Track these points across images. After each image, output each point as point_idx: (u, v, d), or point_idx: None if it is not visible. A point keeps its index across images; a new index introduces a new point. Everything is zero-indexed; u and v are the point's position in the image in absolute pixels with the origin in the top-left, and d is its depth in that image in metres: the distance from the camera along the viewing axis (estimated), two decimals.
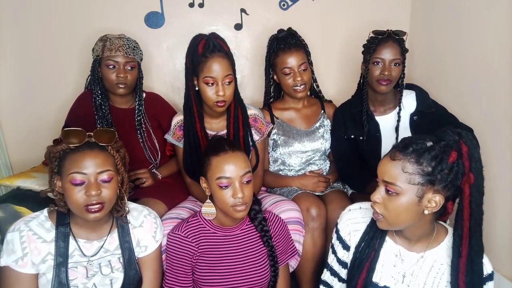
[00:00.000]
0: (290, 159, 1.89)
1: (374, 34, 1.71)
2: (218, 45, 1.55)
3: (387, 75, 1.65)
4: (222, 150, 1.26)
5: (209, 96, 1.55)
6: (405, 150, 1.02)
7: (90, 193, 1.10)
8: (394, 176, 1.02)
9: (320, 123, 1.90)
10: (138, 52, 1.78)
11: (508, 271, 1.70)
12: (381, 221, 1.08)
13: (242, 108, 1.69)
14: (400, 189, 1.01)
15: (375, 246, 1.16)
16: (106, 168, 1.14)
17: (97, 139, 1.16)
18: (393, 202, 1.03)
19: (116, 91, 1.73)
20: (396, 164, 1.02)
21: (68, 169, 1.11)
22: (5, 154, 2.20)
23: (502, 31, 1.66)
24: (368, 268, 1.15)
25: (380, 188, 1.06)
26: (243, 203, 1.25)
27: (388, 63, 1.66)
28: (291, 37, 1.79)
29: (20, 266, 1.13)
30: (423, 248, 1.14)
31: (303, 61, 1.76)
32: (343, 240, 1.24)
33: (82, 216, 1.14)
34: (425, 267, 1.13)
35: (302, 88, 1.77)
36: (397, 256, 1.15)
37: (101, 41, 1.72)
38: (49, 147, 1.16)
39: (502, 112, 1.68)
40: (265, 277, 1.36)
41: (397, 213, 1.04)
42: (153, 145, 1.83)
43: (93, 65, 1.75)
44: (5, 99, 2.17)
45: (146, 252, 1.31)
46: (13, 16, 2.09)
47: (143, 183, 1.72)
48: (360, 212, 1.24)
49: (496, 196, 1.75)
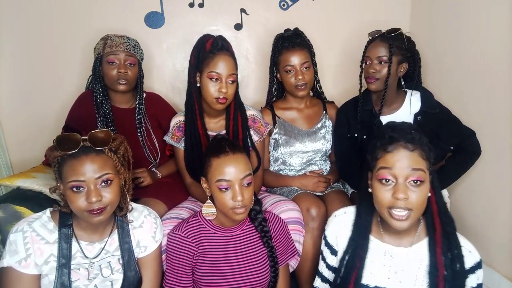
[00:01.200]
0: (291, 159, 1.89)
1: (368, 35, 1.76)
2: (226, 45, 1.60)
3: (372, 73, 1.69)
4: (223, 151, 1.25)
5: (211, 92, 1.55)
6: (413, 141, 1.05)
7: (91, 200, 1.08)
8: (420, 163, 1.04)
9: (321, 123, 1.91)
10: (138, 50, 1.80)
11: (508, 271, 1.70)
12: (409, 219, 1.04)
13: (241, 111, 1.70)
14: (425, 175, 1.04)
15: (363, 247, 1.16)
16: (104, 172, 1.11)
17: (92, 143, 1.12)
18: (421, 191, 1.04)
19: (117, 88, 1.74)
20: (416, 153, 1.04)
21: (66, 177, 1.10)
22: (5, 154, 2.20)
23: (502, 31, 1.66)
24: (358, 270, 1.15)
25: (401, 184, 1.03)
26: (243, 206, 1.24)
27: (374, 60, 1.69)
28: (296, 37, 1.81)
29: (23, 266, 1.13)
30: (411, 242, 1.15)
31: (305, 60, 1.77)
32: (331, 245, 1.25)
33: (86, 219, 1.14)
34: (414, 260, 1.14)
35: (303, 87, 1.78)
36: (386, 255, 1.16)
37: (102, 40, 1.75)
38: (48, 152, 1.14)
39: (502, 112, 1.68)
40: (265, 277, 1.36)
41: (422, 202, 1.06)
42: (153, 145, 1.84)
43: (95, 64, 1.76)
44: (5, 99, 2.17)
45: (146, 252, 1.31)
46: (13, 16, 2.09)
47: (141, 182, 1.72)
48: (345, 216, 1.25)
49: (496, 196, 1.75)
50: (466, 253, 1.10)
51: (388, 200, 1.05)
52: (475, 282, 1.11)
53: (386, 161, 1.05)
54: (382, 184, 1.06)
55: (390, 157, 1.05)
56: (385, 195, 1.05)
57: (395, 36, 1.67)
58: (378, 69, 1.68)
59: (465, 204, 1.92)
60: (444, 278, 1.07)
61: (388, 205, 1.05)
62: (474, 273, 1.10)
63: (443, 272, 1.07)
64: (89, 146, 1.12)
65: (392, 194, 1.04)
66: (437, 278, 1.08)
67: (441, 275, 1.07)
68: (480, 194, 1.83)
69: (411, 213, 1.04)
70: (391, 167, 1.04)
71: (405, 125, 1.12)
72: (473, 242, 1.14)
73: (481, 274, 1.11)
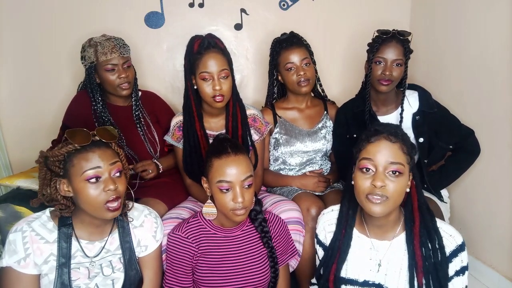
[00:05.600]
0: (291, 158, 1.89)
1: (379, 33, 1.69)
2: (212, 42, 1.58)
3: (388, 75, 1.64)
4: (224, 152, 1.25)
5: (207, 92, 1.56)
6: (396, 134, 1.09)
7: (109, 188, 1.11)
8: (399, 156, 1.08)
9: (322, 123, 1.91)
10: (128, 48, 1.78)
11: (508, 271, 1.70)
12: (384, 204, 1.08)
13: (240, 107, 1.69)
14: (404, 168, 1.08)
15: (343, 238, 1.20)
16: (115, 159, 1.15)
17: (101, 137, 1.16)
18: (399, 182, 1.08)
19: (121, 93, 1.74)
20: (396, 145, 1.09)
21: (80, 169, 1.10)
22: (5, 154, 2.20)
23: (502, 31, 1.67)
24: (338, 261, 1.19)
25: (380, 173, 1.08)
26: (243, 207, 1.24)
27: (390, 63, 1.64)
28: (293, 37, 1.82)
29: (22, 266, 1.13)
30: (394, 235, 1.17)
31: (305, 56, 1.78)
32: (322, 243, 1.29)
33: (99, 215, 1.14)
34: (398, 252, 1.16)
35: (306, 83, 1.78)
36: (372, 249, 1.19)
37: (90, 47, 1.69)
38: (49, 152, 1.14)
39: (502, 112, 1.69)
40: (265, 278, 1.36)
41: (400, 193, 1.09)
42: (153, 138, 1.84)
43: (89, 73, 1.72)
44: (5, 99, 2.17)
45: (146, 251, 1.31)
46: (13, 16, 2.09)
47: (149, 174, 1.73)
48: (332, 214, 1.29)
49: (496, 196, 1.75)
50: (447, 237, 1.13)
51: (366, 187, 1.09)
52: (459, 265, 1.12)
53: (368, 152, 1.10)
54: (363, 173, 1.11)
55: (372, 147, 1.10)
56: (364, 183, 1.10)
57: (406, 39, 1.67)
58: (393, 71, 1.64)
59: (465, 204, 1.92)
60: (422, 269, 1.10)
61: (366, 192, 1.09)
62: (457, 256, 1.12)
63: (421, 264, 1.10)
64: (98, 140, 1.15)
65: (371, 182, 1.08)
66: (416, 270, 1.11)
67: (419, 267, 1.10)
68: (480, 194, 1.83)
69: (387, 200, 1.08)
70: (372, 158, 1.09)
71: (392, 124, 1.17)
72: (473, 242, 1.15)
73: (465, 256, 1.13)
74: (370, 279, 1.18)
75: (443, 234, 1.13)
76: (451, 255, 1.12)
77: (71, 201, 1.17)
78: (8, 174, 2.16)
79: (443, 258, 1.10)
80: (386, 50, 1.65)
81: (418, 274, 1.10)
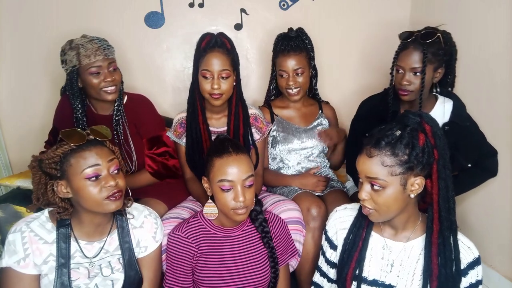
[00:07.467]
0: (289, 156, 1.90)
1: (399, 37, 1.58)
2: (219, 42, 1.61)
3: (405, 85, 1.54)
4: (226, 152, 1.25)
5: (205, 88, 1.60)
6: (379, 145, 1.04)
7: (110, 184, 1.11)
8: (376, 172, 1.04)
9: (318, 121, 1.93)
10: (112, 50, 1.64)
11: (508, 271, 1.70)
12: (373, 215, 1.10)
13: (243, 107, 1.71)
14: (385, 183, 1.04)
15: (362, 236, 1.19)
16: (112, 156, 1.16)
17: (96, 135, 1.17)
18: (381, 195, 1.06)
19: (106, 98, 1.60)
20: (374, 160, 1.04)
21: (78, 168, 1.10)
22: (5, 154, 2.20)
23: (502, 31, 1.67)
24: (357, 259, 1.17)
25: (365, 186, 1.09)
26: (244, 207, 1.24)
27: (407, 71, 1.53)
28: (295, 39, 1.79)
29: (22, 267, 1.13)
30: (409, 237, 1.16)
31: (299, 66, 1.76)
32: (331, 240, 1.27)
33: (102, 209, 1.14)
34: (413, 255, 1.15)
35: (295, 91, 1.79)
36: (385, 248, 1.18)
37: (71, 50, 1.56)
38: (43, 155, 1.13)
39: (502, 112, 1.69)
40: (265, 278, 1.36)
41: (388, 205, 1.07)
42: (130, 149, 1.70)
43: (70, 77, 1.59)
44: (5, 99, 2.17)
45: (146, 252, 1.31)
46: (13, 16, 2.09)
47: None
48: (345, 211, 1.28)
49: (496, 196, 1.75)
50: (465, 249, 1.11)
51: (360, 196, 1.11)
52: (474, 278, 1.11)
53: (357, 162, 1.11)
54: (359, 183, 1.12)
55: (358, 159, 1.10)
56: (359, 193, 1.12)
57: (430, 42, 1.49)
58: (412, 80, 1.53)
59: (465, 204, 1.92)
60: (437, 278, 1.08)
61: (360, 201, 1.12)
62: (473, 269, 1.11)
63: (437, 272, 1.08)
64: (93, 139, 1.16)
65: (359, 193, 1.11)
66: (430, 278, 1.09)
67: (434, 275, 1.08)
68: (480, 194, 1.83)
69: (376, 212, 1.08)
70: (358, 169, 1.10)
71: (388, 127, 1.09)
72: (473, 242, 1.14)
73: (480, 271, 1.11)
74: (380, 279, 1.17)
75: (461, 246, 1.11)
76: (468, 267, 1.10)
77: (69, 203, 1.17)
78: (8, 174, 2.16)
79: (457, 271, 1.08)
80: (403, 58, 1.54)
81: (432, 282, 1.08)
